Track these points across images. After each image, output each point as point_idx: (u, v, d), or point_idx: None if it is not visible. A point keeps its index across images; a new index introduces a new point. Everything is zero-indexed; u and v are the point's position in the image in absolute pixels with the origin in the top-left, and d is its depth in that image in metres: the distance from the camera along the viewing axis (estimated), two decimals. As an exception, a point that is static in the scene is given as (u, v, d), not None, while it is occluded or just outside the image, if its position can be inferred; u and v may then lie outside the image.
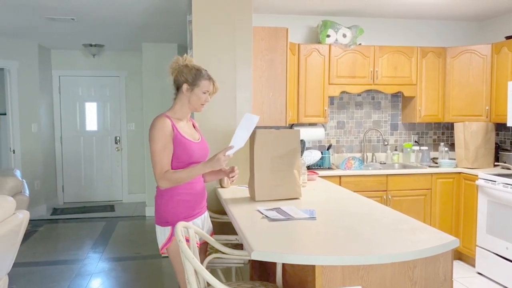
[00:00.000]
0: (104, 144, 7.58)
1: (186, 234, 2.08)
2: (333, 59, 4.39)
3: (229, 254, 2.21)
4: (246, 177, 3.16)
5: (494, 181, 3.83)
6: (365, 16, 4.72)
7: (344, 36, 4.40)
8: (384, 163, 4.76)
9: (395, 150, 4.92)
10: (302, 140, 4.11)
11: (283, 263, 2.21)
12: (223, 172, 2.57)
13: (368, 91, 4.77)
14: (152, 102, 6.51)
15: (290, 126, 4.53)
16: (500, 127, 4.73)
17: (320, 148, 4.74)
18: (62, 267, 4.42)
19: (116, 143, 7.60)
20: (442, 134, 5.04)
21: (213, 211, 3.06)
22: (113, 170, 7.61)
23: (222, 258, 2.43)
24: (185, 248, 1.80)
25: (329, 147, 4.66)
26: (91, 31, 5.62)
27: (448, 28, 4.97)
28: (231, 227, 2.44)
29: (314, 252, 1.75)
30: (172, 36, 5.91)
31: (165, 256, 4.46)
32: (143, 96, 6.61)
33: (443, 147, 4.67)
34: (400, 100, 4.92)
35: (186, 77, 2.32)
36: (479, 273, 4.07)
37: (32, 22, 5.09)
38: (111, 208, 7.14)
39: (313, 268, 1.73)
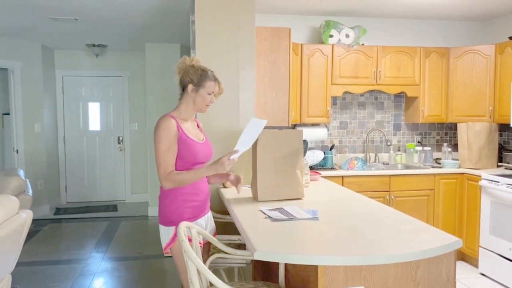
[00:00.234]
0: (107, 144, 7.59)
1: (188, 234, 2.08)
2: (336, 59, 4.38)
3: (231, 254, 2.21)
4: (249, 177, 3.16)
5: (498, 181, 3.82)
6: (368, 16, 4.72)
7: (347, 36, 4.39)
8: (387, 164, 4.75)
9: (398, 150, 4.91)
10: (305, 140, 4.11)
11: (286, 263, 2.21)
12: (226, 177, 2.58)
13: (371, 91, 4.77)
14: (155, 102, 6.52)
15: (293, 127, 4.53)
16: (504, 128, 4.72)
17: (323, 148, 4.73)
18: (65, 266, 4.44)
19: (119, 143, 7.61)
20: (445, 134, 5.03)
21: (216, 211, 3.06)
22: (116, 170, 7.63)
23: (225, 258, 2.44)
24: (187, 248, 1.81)
25: (331, 148, 4.66)
26: (94, 31, 5.63)
27: (452, 28, 4.96)
28: (233, 227, 2.44)
29: (317, 252, 1.75)
30: (175, 37, 5.92)
31: (167, 256, 4.46)
32: (146, 96, 6.62)
33: (446, 148, 4.66)
34: (403, 100, 4.92)
35: (192, 77, 2.32)
36: (482, 274, 4.05)
37: (35, 22, 5.11)
38: (114, 208, 7.15)
39: (315, 268, 1.72)
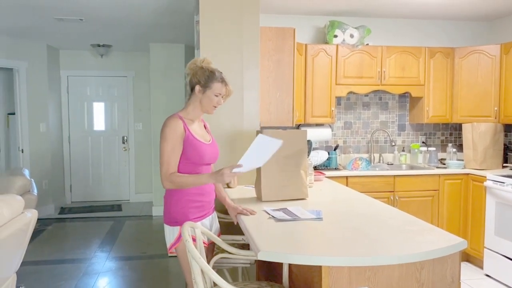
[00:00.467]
0: (111, 144, 7.62)
1: (192, 234, 2.09)
2: (340, 59, 4.37)
3: (235, 254, 2.21)
4: (253, 177, 3.16)
5: (503, 182, 3.80)
6: (372, 16, 4.70)
7: (352, 36, 4.38)
8: (392, 164, 4.74)
9: (403, 150, 4.89)
10: (309, 140, 4.10)
11: (290, 264, 2.21)
12: (225, 201, 2.56)
13: (375, 92, 4.75)
14: (160, 102, 6.53)
15: (297, 127, 4.52)
16: (509, 128, 4.69)
17: (327, 148, 4.73)
18: (70, 265, 4.45)
19: (123, 143, 7.63)
20: (450, 135, 5.01)
21: (220, 211, 3.06)
22: (120, 170, 7.65)
23: (229, 258, 2.44)
24: (191, 248, 1.81)
25: (336, 148, 4.65)
26: (99, 32, 5.65)
27: (457, 28, 4.94)
28: (237, 227, 2.44)
29: (321, 253, 1.75)
30: (179, 37, 5.93)
31: (172, 256, 4.47)
32: (151, 96, 6.64)
33: (451, 148, 4.64)
34: (408, 100, 4.90)
35: (199, 78, 2.32)
36: (487, 275, 4.03)
37: (40, 23, 5.13)
38: (118, 207, 7.17)
39: (319, 268, 1.72)
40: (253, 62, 3.47)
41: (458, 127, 5.00)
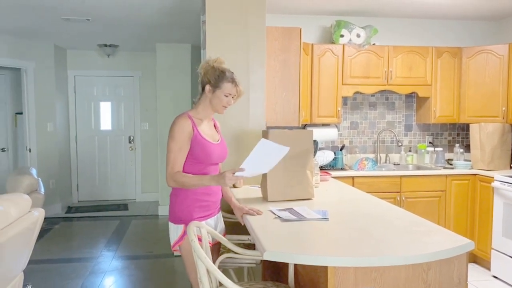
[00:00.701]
0: (118, 144, 7.65)
1: (198, 234, 2.09)
2: (346, 59, 4.36)
3: (241, 254, 2.21)
4: (259, 177, 3.16)
5: (511, 183, 3.77)
6: (379, 16, 4.68)
7: (358, 36, 4.37)
8: (398, 164, 4.72)
9: (409, 151, 4.87)
10: (315, 140, 4.09)
11: (295, 264, 2.21)
12: (231, 202, 2.56)
13: (382, 92, 4.73)
14: (166, 102, 6.55)
15: (303, 127, 4.51)
16: (517, 128, 4.66)
17: (333, 148, 4.72)
18: (77, 264, 4.48)
19: (130, 142, 7.66)
20: (457, 135, 4.98)
21: (225, 211, 3.06)
22: (126, 169, 7.68)
23: (235, 258, 2.44)
24: (197, 248, 1.81)
25: (342, 148, 4.64)
26: (106, 32, 5.67)
27: (464, 27, 4.91)
28: (243, 227, 2.44)
29: (327, 253, 1.74)
30: (186, 37, 5.94)
31: (177, 255, 4.48)
32: (157, 96, 6.66)
33: (458, 148, 4.62)
34: (415, 100, 4.88)
35: (210, 78, 2.33)
36: (495, 276, 4.00)
37: (48, 23, 5.16)
38: (124, 207, 7.20)
39: (325, 269, 1.72)
40: (259, 62, 3.46)
41: (465, 127, 4.97)
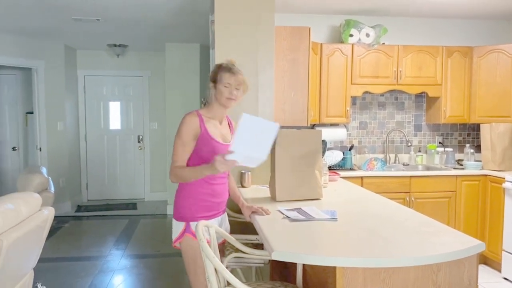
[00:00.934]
0: (127, 143, 7.69)
1: (191, 233, 2.16)
2: (355, 58, 4.34)
3: (249, 254, 2.21)
4: (267, 177, 3.15)
5: (522, 184, 3.72)
6: (389, 15, 4.66)
7: (367, 35, 4.34)
8: (407, 165, 4.69)
9: (419, 151, 4.84)
10: (323, 140, 4.08)
11: (304, 264, 2.20)
12: (238, 201, 2.54)
13: (391, 91, 4.70)
14: (175, 101, 6.57)
15: (311, 126, 4.50)
16: (529, 129, 4.60)
17: (342, 148, 4.70)
18: (86, 263, 4.51)
19: (139, 142, 7.70)
20: (468, 135, 4.93)
21: (233, 210, 3.06)
22: (135, 168, 7.72)
23: (243, 258, 2.44)
24: (205, 247, 1.81)
25: (351, 148, 4.62)
26: (115, 32, 5.71)
27: (475, 27, 4.86)
28: (251, 226, 2.44)
29: (335, 254, 1.73)
30: (195, 36, 5.96)
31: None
32: (166, 95, 6.68)
33: (468, 149, 4.57)
34: (425, 100, 4.84)
35: (211, 75, 2.36)
36: (505, 278, 3.96)
37: (58, 23, 5.21)
38: (133, 206, 7.24)
39: (334, 269, 1.71)
40: (268, 61, 3.46)
41: (476, 128, 4.92)
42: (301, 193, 2.77)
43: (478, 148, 4.86)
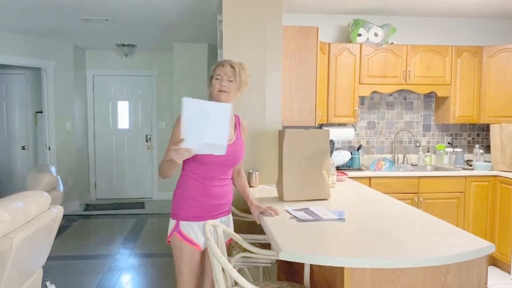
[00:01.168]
0: (135, 142, 7.72)
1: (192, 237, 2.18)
2: (364, 58, 4.32)
3: (257, 254, 2.21)
4: (275, 177, 3.15)
5: (532, 185, 3.69)
6: (397, 14, 4.63)
7: (376, 35, 4.32)
8: (416, 165, 4.66)
9: (428, 151, 4.80)
10: (331, 140, 4.07)
11: (311, 264, 2.20)
12: (248, 200, 2.47)
13: (400, 91, 4.68)
14: (183, 101, 6.58)
15: (319, 126, 4.49)
16: (539, 129, 4.55)
17: (349, 148, 4.68)
18: (94, 261, 4.53)
19: (147, 141, 7.73)
20: (477, 135, 4.89)
21: (241, 210, 3.06)
22: (143, 167, 7.75)
23: (250, 258, 2.44)
24: (213, 246, 1.81)
25: (359, 148, 4.60)
26: (124, 31, 5.73)
27: (485, 26, 4.81)
28: (258, 226, 2.43)
29: (343, 254, 1.73)
30: (202, 36, 5.97)
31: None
32: (174, 95, 6.70)
33: (478, 149, 4.54)
34: (433, 100, 4.81)
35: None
36: (515, 280, 3.93)
37: (67, 23, 5.24)
38: (141, 205, 7.27)
39: (341, 270, 1.70)
40: (275, 61, 3.46)
41: (485, 128, 4.87)
42: (308, 193, 2.76)
43: (487, 148, 4.82)
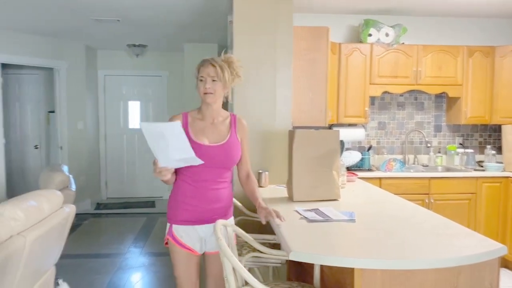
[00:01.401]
0: (145, 142, 7.65)
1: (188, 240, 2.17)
2: (374, 58, 4.31)
3: (267, 254, 2.21)
4: (284, 177, 3.15)
5: (546, 186, 3.64)
6: (408, 14, 4.60)
7: (387, 35, 4.30)
8: (427, 166, 4.63)
9: (439, 152, 4.77)
10: (341, 140, 4.06)
11: (321, 265, 2.20)
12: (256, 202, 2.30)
13: (410, 92, 4.65)
14: (193, 101, 6.57)
15: (329, 127, 4.48)
16: (553, 130, 4.49)
17: (360, 149, 4.66)
18: (105, 260, 4.57)
19: (157, 141, 7.76)
20: (489, 136, 4.84)
21: (250, 210, 3.07)
22: (154, 167, 7.78)
23: (260, 257, 2.44)
24: (223, 245, 1.82)
25: (369, 148, 4.58)
26: (135, 32, 5.78)
27: (497, 26, 4.76)
28: (268, 226, 2.44)
29: (353, 255, 1.73)
30: (212, 37, 5.99)
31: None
32: (184, 95, 6.73)
33: (489, 150, 4.49)
34: (445, 101, 4.77)
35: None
36: (527, 282, 3.88)
37: (79, 24, 5.30)
38: (151, 204, 7.31)
39: (351, 271, 1.70)
40: (286, 61, 3.46)
41: (497, 129, 4.82)
42: (318, 193, 2.76)
43: (499, 149, 4.77)
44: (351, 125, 4.53)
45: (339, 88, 4.27)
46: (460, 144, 4.79)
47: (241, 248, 2.60)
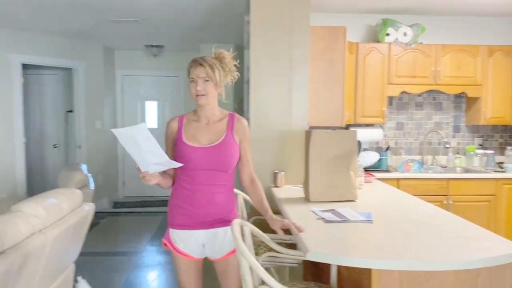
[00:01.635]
0: (163, 142, 7.72)
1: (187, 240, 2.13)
2: (392, 58, 4.27)
3: (284, 254, 2.21)
4: (301, 177, 3.15)
5: None
6: (427, 14, 4.55)
7: (405, 34, 4.26)
8: (445, 167, 4.57)
9: (457, 153, 4.70)
10: (358, 141, 4.03)
11: (339, 265, 2.19)
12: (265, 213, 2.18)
13: (429, 92, 4.59)
14: (209, 101, 6.63)
15: (346, 127, 4.45)
16: None
17: (377, 149, 4.62)
18: (122, 258, 4.63)
19: (173, 140, 7.82)
20: (510, 137, 4.76)
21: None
22: (170, 166, 7.83)
23: (276, 257, 2.44)
24: (240, 244, 1.82)
25: (387, 149, 4.54)
26: (152, 32, 5.83)
27: (519, 25, 4.68)
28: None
29: (371, 256, 1.71)
30: (229, 37, 6.00)
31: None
32: (200, 95, 6.75)
33: (510, 151, 4.41)
34: (464, 101, 4.70)
35: None
36: (549, 286, 3.80)
37: (98, 24, 5.37)
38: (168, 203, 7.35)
39: (369, 272, 1.69)
40: (303, 61, 3.46)
41: (518, 129, 4.74)
42: (335, 194, 2.75)
43: (520, 150, 4.67)
44: (368, 125, 4.49)
45: (357, 88, 4.24)
46: (479, 145, 4.71)
47: (257, 248, 2.60)
